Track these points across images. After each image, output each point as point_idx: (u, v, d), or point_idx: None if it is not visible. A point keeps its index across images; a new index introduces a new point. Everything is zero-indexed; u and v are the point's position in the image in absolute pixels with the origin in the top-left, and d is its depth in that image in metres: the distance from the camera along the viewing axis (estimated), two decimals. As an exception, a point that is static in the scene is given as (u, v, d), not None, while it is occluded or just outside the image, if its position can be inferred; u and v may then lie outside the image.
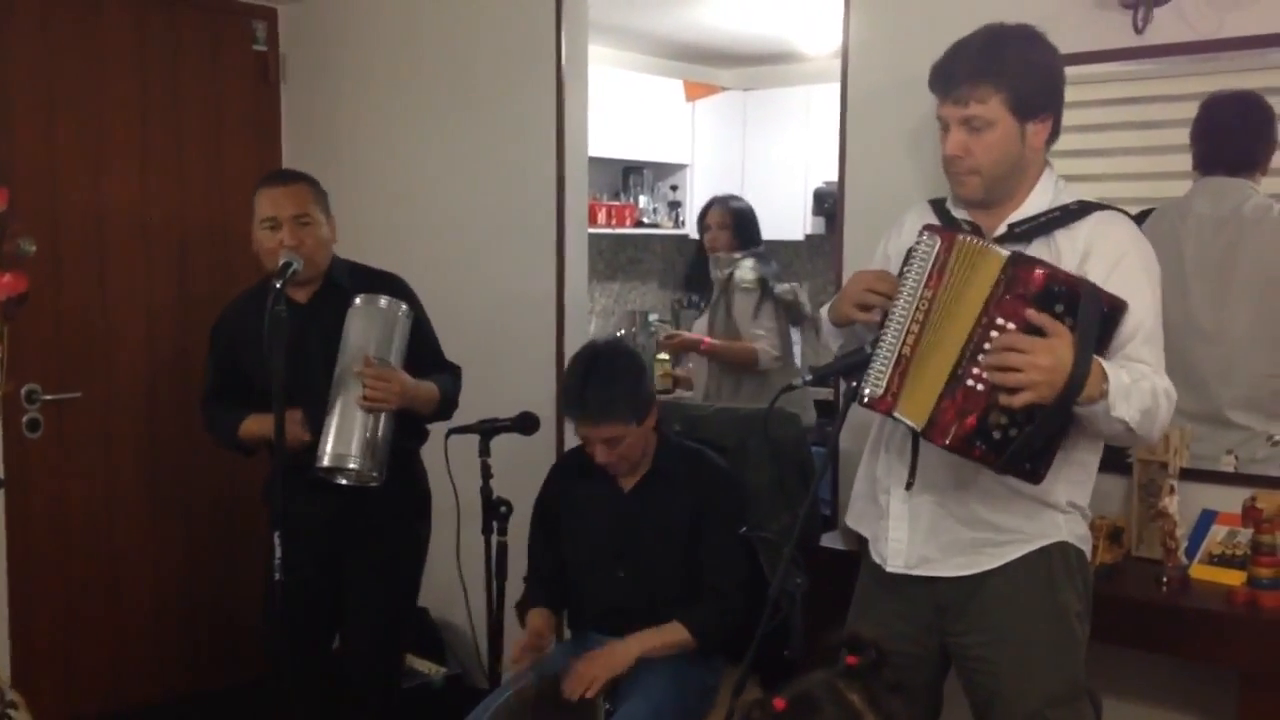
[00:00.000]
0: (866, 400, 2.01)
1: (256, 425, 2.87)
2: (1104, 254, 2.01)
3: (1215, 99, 2.63)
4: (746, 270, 4.31)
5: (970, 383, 1.89)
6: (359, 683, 2.99)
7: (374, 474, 2.75)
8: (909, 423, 1.98)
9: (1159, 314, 2.04)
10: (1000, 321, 1.88)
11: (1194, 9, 2.61)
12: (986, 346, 1.88)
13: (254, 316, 2.80)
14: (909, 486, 2.13)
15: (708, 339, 4.41)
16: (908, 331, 1.98)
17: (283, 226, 2.80)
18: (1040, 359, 1.82)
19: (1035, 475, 1.95)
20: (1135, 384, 1.92)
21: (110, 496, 3.84)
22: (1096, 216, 2.06)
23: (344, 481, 2.76)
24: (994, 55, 2.01)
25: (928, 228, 2.05)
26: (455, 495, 2.89)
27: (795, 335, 4.35)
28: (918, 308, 1.98)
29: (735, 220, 4.51)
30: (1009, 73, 2.00)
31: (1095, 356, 1.88)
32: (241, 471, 3.85)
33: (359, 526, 2.90)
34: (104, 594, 3.83)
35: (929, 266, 1.99)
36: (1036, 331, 1.85)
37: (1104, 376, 1.88)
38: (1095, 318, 1.87)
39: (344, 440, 2.72)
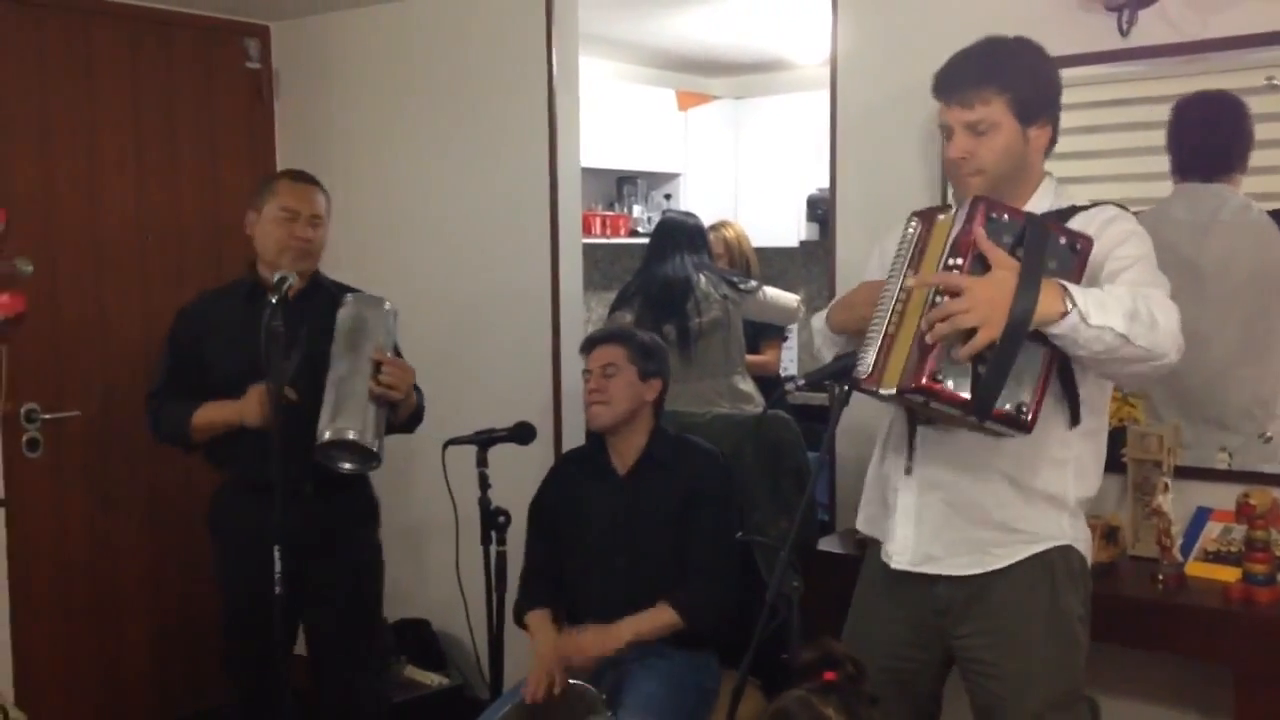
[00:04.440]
0: (860, 383, 2.02)
1: (217, 412, 2.86)
2: (1093, 226, 2.04)
3: (1184, 103, 2.65)
4: None
5: (927, 338, 1.88)
6: (338, 694, 3.00)
7: (376, 450, 2.73)
8: (885, 391, 1.96)
9: (1154, 259, 2.04)
10: (952, 262, 1.89)
11: (1177, 11, 2.64)
12: (938, 300, 1.87)
13: (227, 311, 2.90)
14: (908, 471, 2.14)
15: None
16: (893, 311, 2.00)
17: (299, 220, 2.88)
18: (979, 292, 1.81)
19: (1022, 420, 1.89)
20: (1109, 292, 1.89)
21: (110, 515, 3.84)
22: (1092, 209, 2.10)
23: (346, 467, 2.76)
24: (997, 61, 2.06)
25: (914, 214, 2.09)
26: (454, 506, 2.90)
27: None
28: (901, 287, 2.00)
29: None
30: (1011, 77, 2.04)
31: (1057, 281, 1.85)
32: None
33: (315, 537, 2.87)
34: (104, 613, 3.83)
35: (911, 250, 2.02)
36: (983, 269, 1.85)
37: (1063, 292, 1.84)
38: (1042, 242, 1.87)
39: (349, 416, 2.70)
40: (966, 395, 1.87)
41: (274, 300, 2.59)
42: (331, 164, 4.14)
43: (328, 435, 2.70)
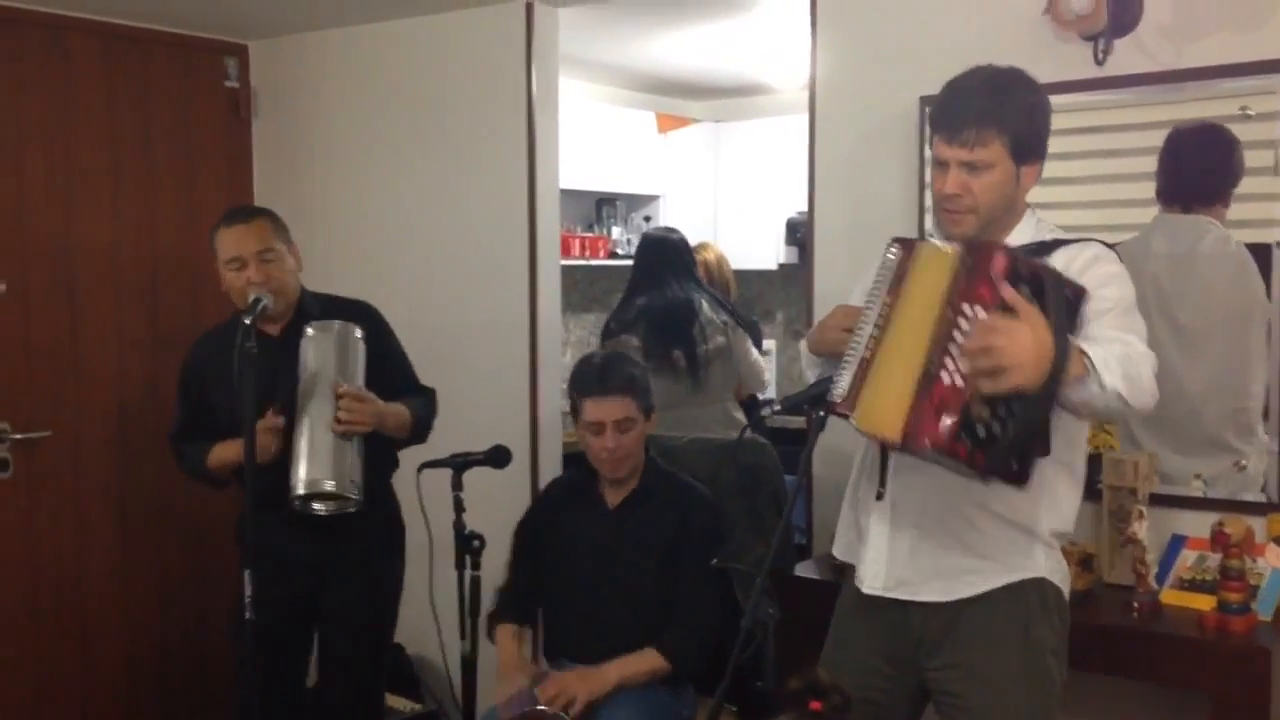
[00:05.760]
0: (834, 407, 2.00)
1: (226, 451, 2.84)
2: (1078, 262, 2.03)
3: (1177, 131, 2.66)
4: None
5: (945, 378, 1.83)
6: None
7: (353, 495, 2.71)
8: (880, 434, 1.93)
9: (1134, 302, 2.03)
10: (967, 309, 1.82)
11: (1153, 41, 2.66)
12: (957, 336, 1.82)
13: (225, 351, 2.80)
14: (879, 497, 2.13)
15: None
16: (870, 337, 1.99)
17: (248, 265, 2.79)
18: (1022, 338, 1.74)
19: (1021, 476, 1.87)
20: (1109, 350, 1.86)
21: (81, 537, 3.79)
22: (1075, 245, 2.08)
23: (322, 510, 2.72)
24: (998, 100, 2.03)
25: (895, 240, 2.07)
26: (428, 529, 2.87)
27: None
28: (880, 313, 1.99)
29: None
30: (1012, 119, 2.03)
31: (1072, 340, 1.82)
32: (215, 511, 3.82)
33: (336, 563, 2.87)
34: (77, 636, 3.78)
35: (890, 275, 2.01)
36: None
37: (1082, 351, 1.83)
38: (1062, 300, 1.83)
39: (319, 465, 2.68)
40: (983, 453, 1.82)
41: (248, 322, 2.57)
42: (309, 183, 4.13)
43: (300, 489, 2.67)
